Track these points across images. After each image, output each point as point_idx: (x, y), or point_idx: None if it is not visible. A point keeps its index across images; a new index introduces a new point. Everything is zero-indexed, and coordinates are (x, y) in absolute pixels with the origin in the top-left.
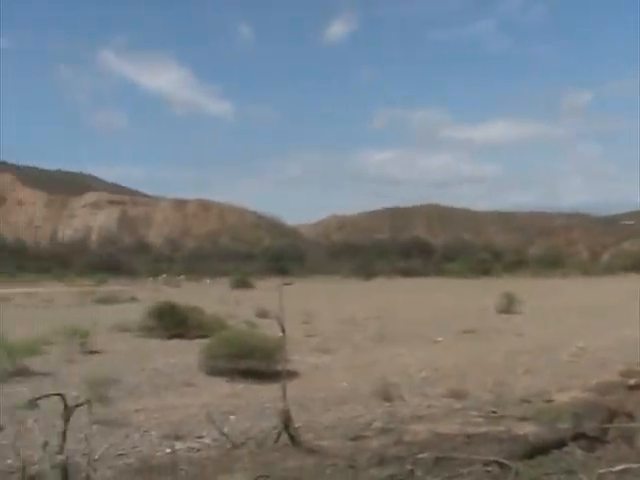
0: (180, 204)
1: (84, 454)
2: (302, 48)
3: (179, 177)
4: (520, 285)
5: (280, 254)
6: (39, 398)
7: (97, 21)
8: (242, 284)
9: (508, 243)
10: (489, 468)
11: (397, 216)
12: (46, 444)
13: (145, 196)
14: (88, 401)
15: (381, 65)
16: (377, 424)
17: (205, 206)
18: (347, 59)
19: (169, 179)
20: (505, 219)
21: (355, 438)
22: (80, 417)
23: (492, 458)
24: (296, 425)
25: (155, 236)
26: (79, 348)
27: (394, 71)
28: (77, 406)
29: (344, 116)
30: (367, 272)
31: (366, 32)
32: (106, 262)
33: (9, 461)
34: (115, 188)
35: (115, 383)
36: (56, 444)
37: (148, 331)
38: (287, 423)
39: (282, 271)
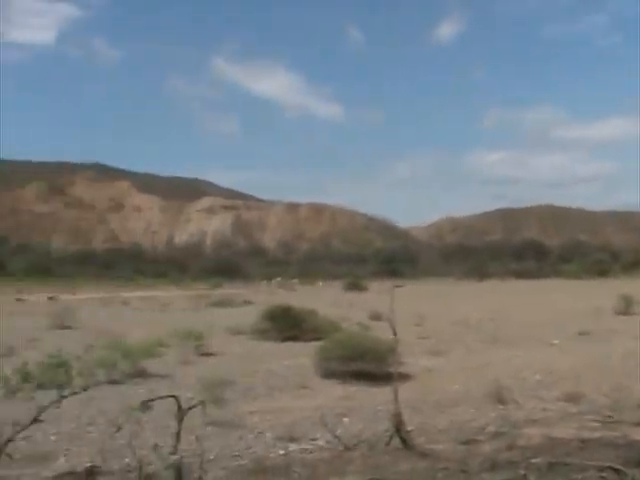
0: (293, 208)
1: (198, 455)
2: (412, 49)
3: (291, 181)
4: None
5: (392, 256)
6: (152, 400)
7: (208, 29)
8: (355, 286)
9: (626, 243)
10: (603, 474)
11: (510, 217)
12: (156, 445)
13: (258, 200)
14: (201, 402)
15: (492, 64)
16: (490, 428)
17: (317, 209)
18: (457, 59)
19: (281, 183)
20: (622, 219)
21: (467, 442)
22: (196, 418)
23: (607, 464)
24: (409, 428)
25: (269, 240)
26: (194, 350)
27: (505, 70)
28: (190, 408)
29: (455, 117)
30: (480, 274)
31: (476, 31)
32: (221, 266)
33: (126, 460)
34: (229, 193)
35: (230, 385)
36: (172, 445)
37: (262, 334)
38: (399, 426)
39: (394, 273)
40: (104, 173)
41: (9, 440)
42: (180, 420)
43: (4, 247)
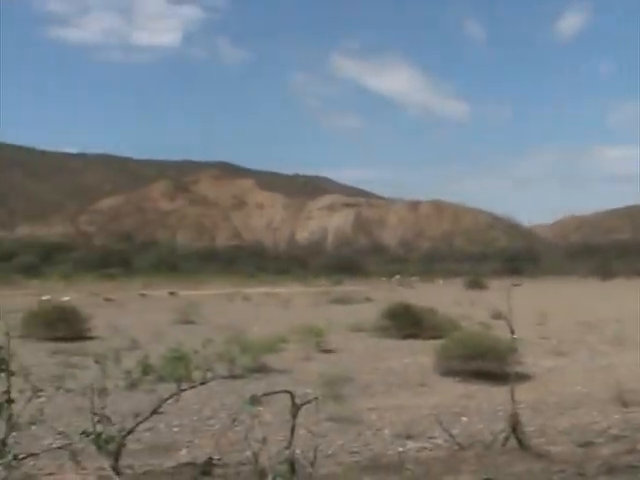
0: (414, 205)
1: (316, 450)
2: (534, 44)
3: (412, 178)
4: None
5: (515, 255)
6: (266, 394)
7: (328, 27)
8: (476, 284)
9: None
10: None
11: (638, 215)
12: (264, 439)
13: (379, 198)
14: (315, 399)
15: (618, 57)
16: (611, 431)
17: (439, 207)
18: (581, 53)
19: (402, 180)
20: None
21: (586, 444)
22: (316, 414)
23: None
24: (529, 429)
25: (389, 237)
26: (315, 347)
27: (632, 61)
28: (304, 404)
29: (580, 112)
30: (605, 273)
31: (600, 23)
32: (341, 263)
33: (248, 453)
34: (350, 190)
35: (349, 381)
36: (287, 439)
37: (382, 331)
38: (515, 426)
39: (516, 272)
40: (228, 171)
41: (130, 431)
42: (294, 415)
43: (131, 244)
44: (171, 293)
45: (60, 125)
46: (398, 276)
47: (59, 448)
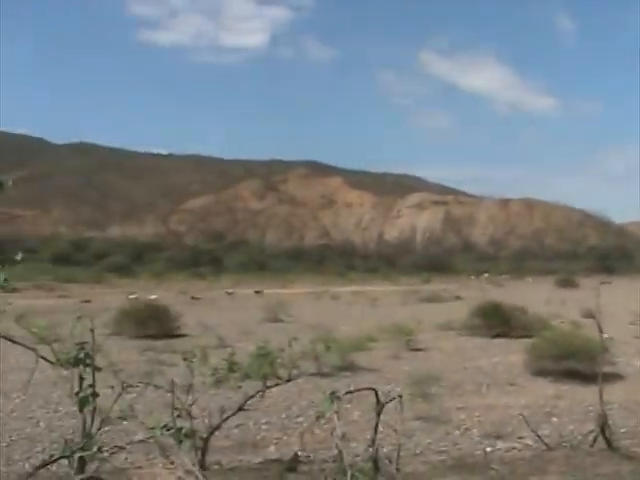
0: (504, 203)
1: (400, 448)
2: (626, 37)
3: (502, 176)
4: None
5: (607, 253)
6: (350, 392)
7: (416, 25)
8: (566, 283)
9: None
10: None
11: None
12: (344, 435)
13: (468, 196)
14: (400, 397)
15: None
16: None
17: (529, 205)
18: None
19: (492, 178)
20: None
21: None
22: (407, 412)
23: None
24: (620, 430)
25: (479, 235)
26: (404, 345)
27: None
28: (389, 401)
29: None
30: None
31: None
32: (430, 261)
33: (335, 451)
34: (438, 188)
35: (438, 380)
36: (380, 437)
37: (472, 330)
38: (603, 427)
39: (608, 270)
40: (316, 170)
41: (217, 427)
42: (378, 413)
43: (220, 243)
44: (257, 292)
45: (151, 126)
46: (487, 274)
47: (141, 441)
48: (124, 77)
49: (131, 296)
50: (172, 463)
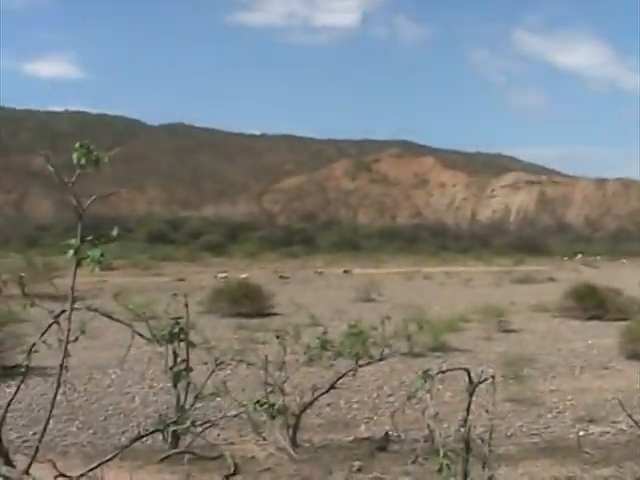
0: (600, 183)
1: (492, 430)
2: None
3: (598, 155)
4: None
5: None
6: (442, 372)
7: (510, 1)
8: None
9: None
10: None
11: None
12: (436, 414)
13: (563, 175)
14: (492, 377)
15: None
16: None
17: (626, 185)
18: None
19: (588, 157)
20: None
21: None
22: (498, 394)
23: None
24: None
25: (574, 216)
26: (496, 326)
27: None
28: (481, 382)
29: None
30: None
31: None
32: (524, 242)
33: (426, 431)
34: (533, 168)
35: (530, 362)
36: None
37: (565, 312)
38: None
39: None
40: (409, 150)
41: (309, 405)
42: (470, 394)
43: (313, 223)
44: (345, 271)
45: (244, 107)
46: (580, 255)
47: (234, 416)
48: (217, 59)
49: (220, 275)
50: (264, 440)
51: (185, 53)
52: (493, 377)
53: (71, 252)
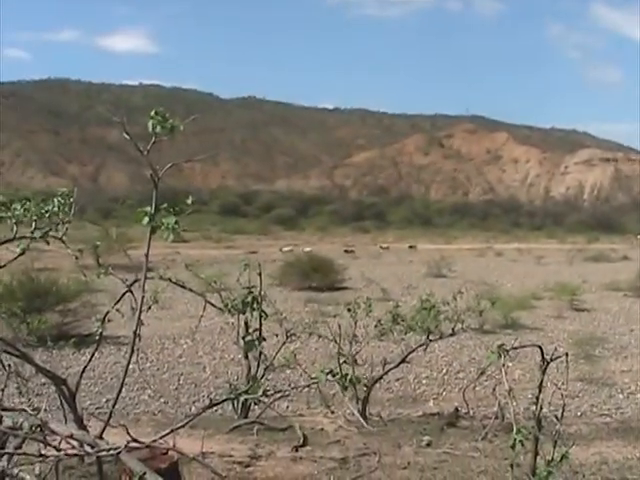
0: None
1: (564, 408)
2: None
3: None
4: None
5: None
6: (515, 348)
7: None
8: None
9: None
10: None
11: None
12: (510, 390)
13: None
14: (566, 355)
15: None
16: None
17: None
18: None
19: None
20: None
21: None
22: (566, 372)
23: None
24: None
25: None
26: (568, 305)
27: None
28: (554, 359)
29: None
30: None
31: None
32: (598, 220)
33: (494, 408)
34: (608, 145)
35: (601, 342)
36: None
37: (639, 291)
38: None
39: None
40: (482, 125)
41: (379, 379)
42: (543, 371)
43: (384, 198)
44: (410, 247)
45: (317, 81)
46: None
47: (307, 387)
48: (290, 32)
49: (285, 249)
50: (332, 413)
51: (258, 26)
52: (567, 355)
53: (146, 219)
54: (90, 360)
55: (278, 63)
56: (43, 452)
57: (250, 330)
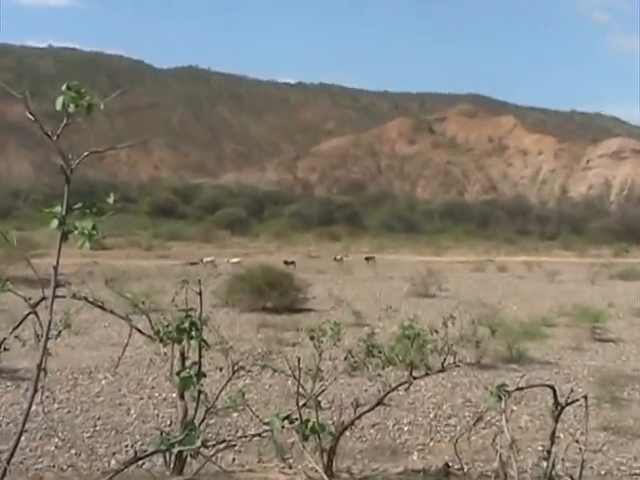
0: None
1: (583, 465)
2: None
3: None
4: None
5: None
6: (521, 388)
7: None
8: None
9: None
10: None
11: None
12: (513, 442)
13: None
14: (584, 398)
15: None
16: None
17: None
18: None
19: None
20: None
21: None
22: (591, 420)
23: None
24: None
25: None
26: (588, 334)
27: None
28: (570, 403)
29: None
30: None
31: None
32: (628, 227)
33: (496, 464)
34: None
35: (631, 381)
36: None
37: None
38: None
39: None
40: (482, 107)
41: (349, 425)
42: (556, 418)
43: (360, 196)
44: (367, 258)
45: (277, 49)
46: None
47: (258, 435)
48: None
49: (233, 260)
50: (290, 467)
51: None
52: (585, 398)
53: (55, 222)
54: None
55: (227, 26)
56: None
57: (187, 363)
